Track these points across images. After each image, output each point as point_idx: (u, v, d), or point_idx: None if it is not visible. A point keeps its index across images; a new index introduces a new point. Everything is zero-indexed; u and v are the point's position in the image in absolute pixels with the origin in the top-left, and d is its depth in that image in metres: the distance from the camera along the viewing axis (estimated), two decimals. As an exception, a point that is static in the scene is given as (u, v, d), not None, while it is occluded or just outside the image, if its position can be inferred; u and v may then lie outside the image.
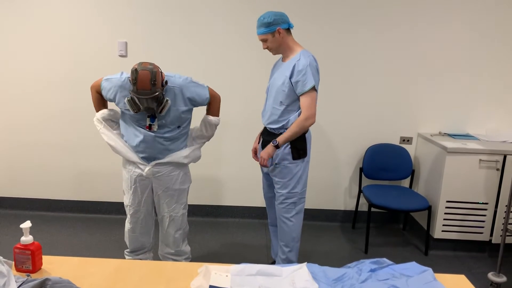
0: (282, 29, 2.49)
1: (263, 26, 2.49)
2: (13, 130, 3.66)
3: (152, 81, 2.17)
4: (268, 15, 2.48)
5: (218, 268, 1.59)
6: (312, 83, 2.46)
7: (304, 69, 2.46)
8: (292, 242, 2.73)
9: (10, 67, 3.55)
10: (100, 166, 3.70)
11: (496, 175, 3.21)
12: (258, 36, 2.55)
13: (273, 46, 2.54)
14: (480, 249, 3.36)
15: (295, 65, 2.48)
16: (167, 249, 2.68)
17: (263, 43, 2.55)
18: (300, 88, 2.48)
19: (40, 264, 1.57)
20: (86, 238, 3.37)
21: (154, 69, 2.19)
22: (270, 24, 2.47)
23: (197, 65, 3.52)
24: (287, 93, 2.52)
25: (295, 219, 2.69)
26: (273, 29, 2.48)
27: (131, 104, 2.28)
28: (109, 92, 2.40)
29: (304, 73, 2.46)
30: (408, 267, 1.64)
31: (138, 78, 2.17)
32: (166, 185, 2.53)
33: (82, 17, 3.45)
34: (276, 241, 2.93)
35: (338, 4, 3.45)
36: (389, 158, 3.63)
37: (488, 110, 3.63)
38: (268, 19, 2.47)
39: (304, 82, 2.46)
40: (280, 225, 2.73)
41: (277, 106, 2.58)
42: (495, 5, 3.43)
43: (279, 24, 2.48)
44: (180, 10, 3.44)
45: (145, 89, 2.18)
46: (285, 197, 2.66)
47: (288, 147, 2.58)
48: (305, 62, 2.47)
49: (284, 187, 2.65)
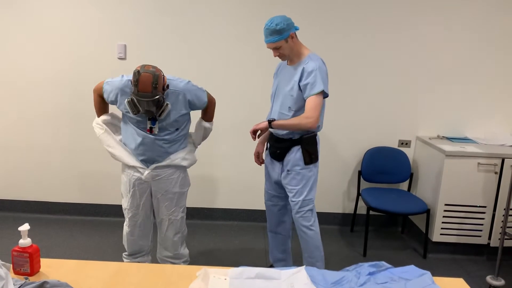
0: (294, 33, 2.41)
1: (275, 34, 2.36)
2: (11, 132, 3.65)
3: (153, 84, 2.18)
4: (280, 21, 2.35)
5: (217, 271, 1.59)
6: (320, 87, 2.37)
7: (313, 72, 2.37)
8: (317, 251, 2.62)
9: (9, 68, 3.54)
10: (99, 169, 3.70)
11: (494, 178, 3.21)
12: (269, 44, 2.41)
13: (286, 52, 2.43)
14: (478, 253, 3.37)
15: (304, 68, 2.40)
16: (166, 252, 2.67)
17: (274, 50, 2.43)
18: (308, 91, 2.39)
19: (38, 267, 1.57)
20: (85, 241, 3.36)
21: (157, 73, 2.20)
22: (283, 31, 2.35)
23: (197, 68, 3.52)
24: (295, 98, 2.44)
25: (315, 227, 2.59)
26: (286, 35, 2.37)
27: (130, 106, 2.28)
28: (111, 95, 2.41)
29: (313, 76, 2.37)
30: (406, 270, 1.64)
31: (139, 80, 2.17)
32: (165, 188, 2.53)
33: (81, 19, 3.45)
34: (275, 246, 2.87)
35: (337, 6, 3.46)
36: (388, 161, 3.63)
37: (487, 113, 3.64)
38: (281, 25, 2.34)
39: (312, 85, 2.37)
40: (301, 235, 2.61)
41: (286, 112, 2.49)
42: (494, 10, 3.44)
43: (291, 29, 2.38)
44: (179, 13, 3.44)
45: (146, 92, 2.18)
46: (301, 205, 2.55)
47: (299, 152, 2.50)
48: (314, 65, 2.39)
49: (299, 195, 2.54)
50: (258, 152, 2.80)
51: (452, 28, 3.49)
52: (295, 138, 2.52)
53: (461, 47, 3.53)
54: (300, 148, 2.50)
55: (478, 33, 3.50)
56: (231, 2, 3.43)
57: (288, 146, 2.54)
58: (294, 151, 2.51)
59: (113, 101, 2.43)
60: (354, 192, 3.77)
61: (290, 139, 2.51)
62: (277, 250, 2.88)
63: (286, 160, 2.54)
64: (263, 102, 3.58)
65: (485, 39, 3.50)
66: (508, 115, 3.65)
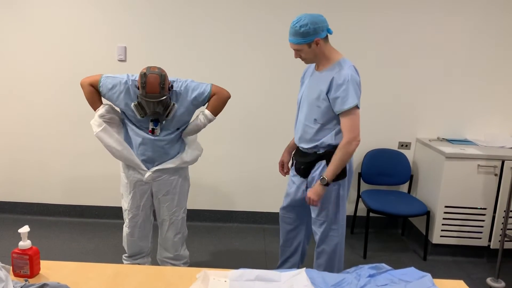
0: (320, 39, 2.15)
1: (298, 36, 2.14)
2: (10, 134, 3.65)
3: (161, 85, 2.20)
4: (306, 23, 2.11)
5: (217, 273, 1.59)
6: (354, 101, 2.14)
7: (344, 84, 2.13)
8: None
9: (8, 70, 3.55)
10: (98, 170, 3.69)
11: (494, 180, 3.21)
12: (290, 44, 2.20)
13: (308, 57, 2.22)
14: (478, 255, 3.36)
15: (334, 79, 2.16)
16: (166, 253, 2.67)
17: (296, 52, 2.22)
18: (339, 106, 2.16)
19: (38, 269, 1.57)
20: (84, 243, 3.36)
21: (163, 73, 2.23)
22: (307, 35, 2.12)
23: (197, 70, 3.52)
24: (323, 111, 2.22)
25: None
26: (310, 39, 2.14)
27: (138, 109, 2.29)
28: (113, 91, 2.37)
29: (344, 89, 2.12)
30: (406, 272, 1.64)
31: (147, 81, 2.19)
32: (166, 188, 2.53)
33: (81, 21, 3.45)
34: (283, 260, 2.72)
35: (335, 7, 3.46)
36: (388, 163, 3.63)
37: (487, 115, 3.64)
38: (305, 29, 2.11)
39: (344, 99, 2.14)
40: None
41: (311, 124, 2.28)
42: (494, 11, 3.45)
43: (317, 34, 2.13)
44: (179, 15, 3.45)
45: (154, 93, 2.21)
46: (322, 222, 2.38)
47: (323, 167, 2.29)
48: (346, 75, 2.14)
49: (320, 212, 2.37)
50: (282, 161, 2.63)
51: (452, 31, 3.49)
52: (320, 152, 2.32)
53: (461, 50, 3.53)
54: (325, 162, 2.29)
55: (478, 35, 3.50)
56: (231, 4, 3.44)
57: (313, 161, 2.34)
58: (319, 167, 2.32)
59: (114, 99, 2.39)
60: (354, 194, 3.77)
61: (314, 152, 2.32)
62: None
63: (310, 177, 2.35)
64: (266, 104, 3.61)
65: (485, 41, 3.51)
66: (508, 117, 3.65)
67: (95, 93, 2.43)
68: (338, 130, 2.26)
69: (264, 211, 3.80)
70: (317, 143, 2.29)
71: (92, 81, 2.41)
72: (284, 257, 2.71)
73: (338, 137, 2.27)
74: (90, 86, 2.41)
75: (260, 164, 3.70)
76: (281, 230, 2.68)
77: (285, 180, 2.77)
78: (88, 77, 2.43)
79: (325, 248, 2.44)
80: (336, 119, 2.24)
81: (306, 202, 2.35)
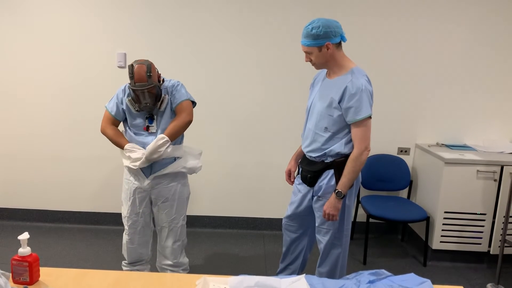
0: (332, 44, 2.13)
1: (309, 38, 2.13)
2: (10, 140, 3.66)
3: (148, 73, 2.31)
4: (318, 26, 2.10)
5: (217, 279, 1.59)
6: (367, 112, 2.13)
7: (358, 93, 2.11)
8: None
9: (8, 77, 3.56)
10: (98, 177, 3.69)
11: (493, 185, 3.21)
12: (302, 46, 2.19)
13: (318, 61, 2.19)
14: (478, 260, 3.36)
15: (347, 88, 2.13)
16: (165, 260, 2.67)
17: (306, 55, 2.20)
18: (351, 116, 2.15)
19: (37, 276, 1.57)
20: (84, 250, 3.35)
21: (148, 63, 2.35)
22: (318, 37, 2.11)
23: (196, 76, 3.53)
24: (335, 119, 2.19)
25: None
26: (321, 43, 2.12)
27: (131, 103, 2.40)
28: (117, 105, 2.49)
29: (358, 98, 2.11)
30: (406, 278, 1.63)
31: (134, 71, 2.31)
32: (165, 195, 2.53)
33: (81, 28, 3.47)
34: (283, 266, 2.70)
35: (334, 10, 3.45)
36: (387, 169, 3.64)
37: (486, 121, 3.65)
38: (317, 31, 2.10)
39: (357, 109, 2.12)
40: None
41: (321, 133, 2.26)
42: (493, 17, 3.46)
43: (329, 38, 2.12)
44: (179, 22, 3.46)
45: (142, 82, 2.31)
46: (326, 231, 2.37)
47: (331, 176, 2.27)
48: (359, 84, 2.12)
49: (325, 222, 2.34)
50: (290, 170, 2.57)
51: (452, 36, 3.51)
52: (328, 161, 2.29)
53: (460, 55, 3.54)
54: (332, 171, 2.27)
55: (478, 40, 3.51)
56: (231, 9, 3.45)
57: (320, 170, 2.31)
58: (327, 176, 2.28)
59: (117, 108, 2.48)
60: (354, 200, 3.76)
61: (322, 161, 2.30)
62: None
63: (317, 186, 2.32)
64: (266, 110, 3.61)
65: (484, 47, 3.52)
66: (507, 122, 3.66)
67: (116, 131, 2.49)
68: (348, 139, 2.23)
69: (264, 217, 3.80)
70: (325, 151, 2.27)
71: (104, 119, 2.53)
72: (284, 263, 2.70)
73: (347, 146, 2.25)
74: (106, 123, 2.50)
75: (260, 170, 3.70)
76: (284, 238, 2.65)
77: (285, 185, 2.77)
78: (102, 121, 2.53)
79: (329, 256, 2.43)
80: (347, 128, 2.22)
81: (324, 218, 2.30)
